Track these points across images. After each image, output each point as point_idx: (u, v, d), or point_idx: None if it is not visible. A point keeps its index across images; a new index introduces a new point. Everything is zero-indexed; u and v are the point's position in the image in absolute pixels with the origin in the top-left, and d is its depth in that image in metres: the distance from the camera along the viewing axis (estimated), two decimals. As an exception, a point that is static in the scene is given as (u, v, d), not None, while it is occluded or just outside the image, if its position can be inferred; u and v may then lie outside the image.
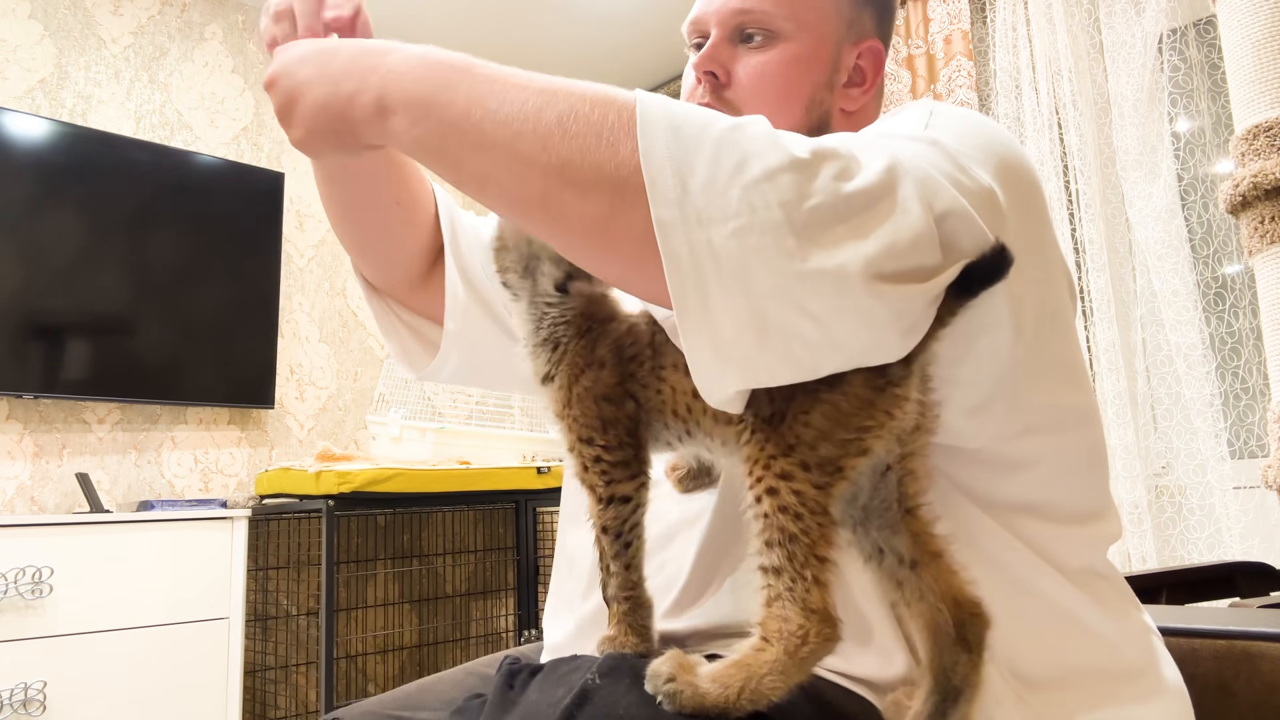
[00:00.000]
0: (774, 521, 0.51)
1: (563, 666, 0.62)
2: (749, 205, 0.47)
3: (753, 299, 0.47)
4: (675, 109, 0.50)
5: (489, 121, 0.53)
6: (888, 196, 0.48)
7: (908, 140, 0.56)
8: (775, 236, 0.46)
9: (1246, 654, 0.82)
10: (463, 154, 0.54)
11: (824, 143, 0.50)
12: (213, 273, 2.76)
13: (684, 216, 0.47)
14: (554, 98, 0.52)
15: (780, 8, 0.77)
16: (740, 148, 0.48)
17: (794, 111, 0.78)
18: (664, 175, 0.48)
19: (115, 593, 2.18)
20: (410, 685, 0.87)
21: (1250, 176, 1.35)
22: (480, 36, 3.31)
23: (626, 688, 0.55)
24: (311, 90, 0.59)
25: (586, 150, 0.50)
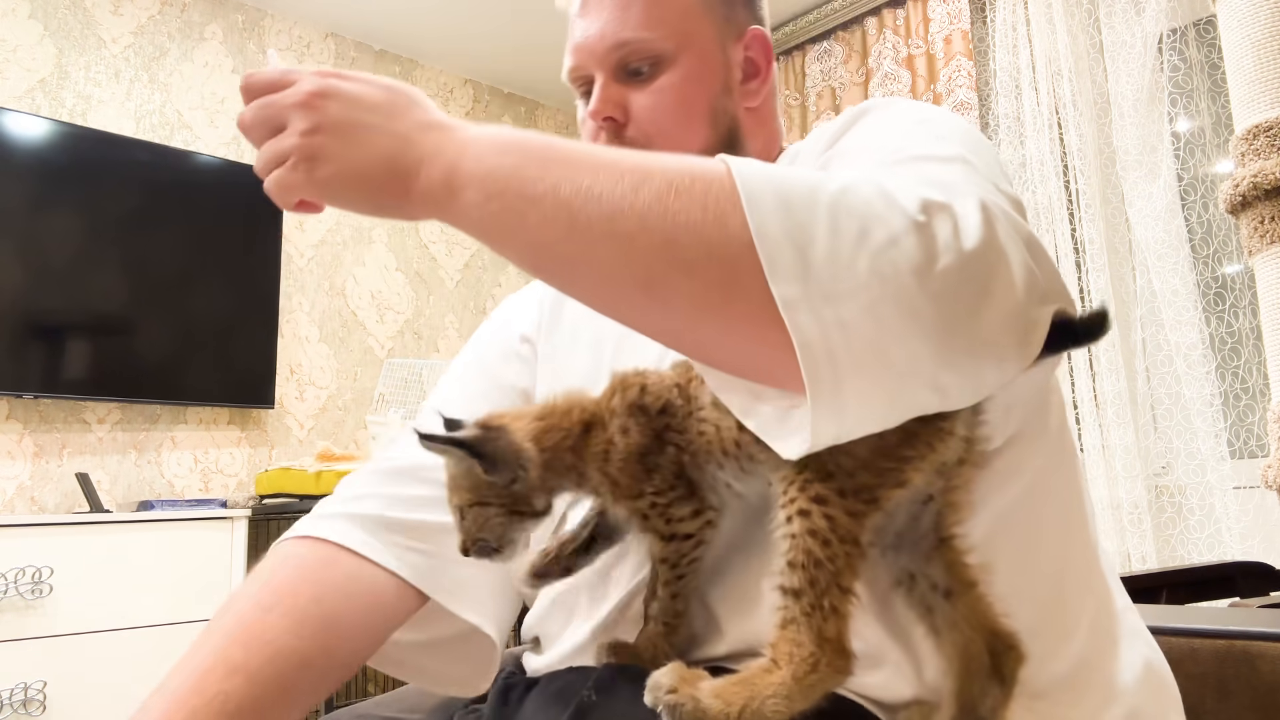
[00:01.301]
0: (801, 544, 0.50)
1: (558, 680, 0.61)
2: (879, 276, 0.44)
3: (889, 378, 0.45)
4: (776, 175, 0.48)
5: (580, 198, 0.48)
6: (994, 245, 0.46)
7: (950, 164, 0.55)
8: (911, 311, 0.44)
9: (1246, 654, 0.82)
10: (547, 235, 0.50)
11: (925, 192, 0.47)
12: (213, 273, 2.76)
13: (809, 293, 0.44)
14: (648, 172, 0.48)
15: (655, 31, 0.74)
16: (857, 213, 0.46)
17: (700, 130, 0.75)
18: (782, 251, 0.45)
19: (115, 593, 2.18)
20: (408, 687, 0.86)
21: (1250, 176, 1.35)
22: (480, 36, 3.32)
23: (625, 702, 0.55)
24: (374, 138, 0.53)
25: (692, 227, 0.47)
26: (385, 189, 0.53)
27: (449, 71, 3.58)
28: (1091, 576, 0.66)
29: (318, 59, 3.22)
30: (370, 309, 3.22)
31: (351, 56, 3.31)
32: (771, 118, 0.82)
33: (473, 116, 3.62)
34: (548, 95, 3.82)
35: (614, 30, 0.74)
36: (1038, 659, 0.60)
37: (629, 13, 0.74)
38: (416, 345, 3.33)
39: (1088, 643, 0.62)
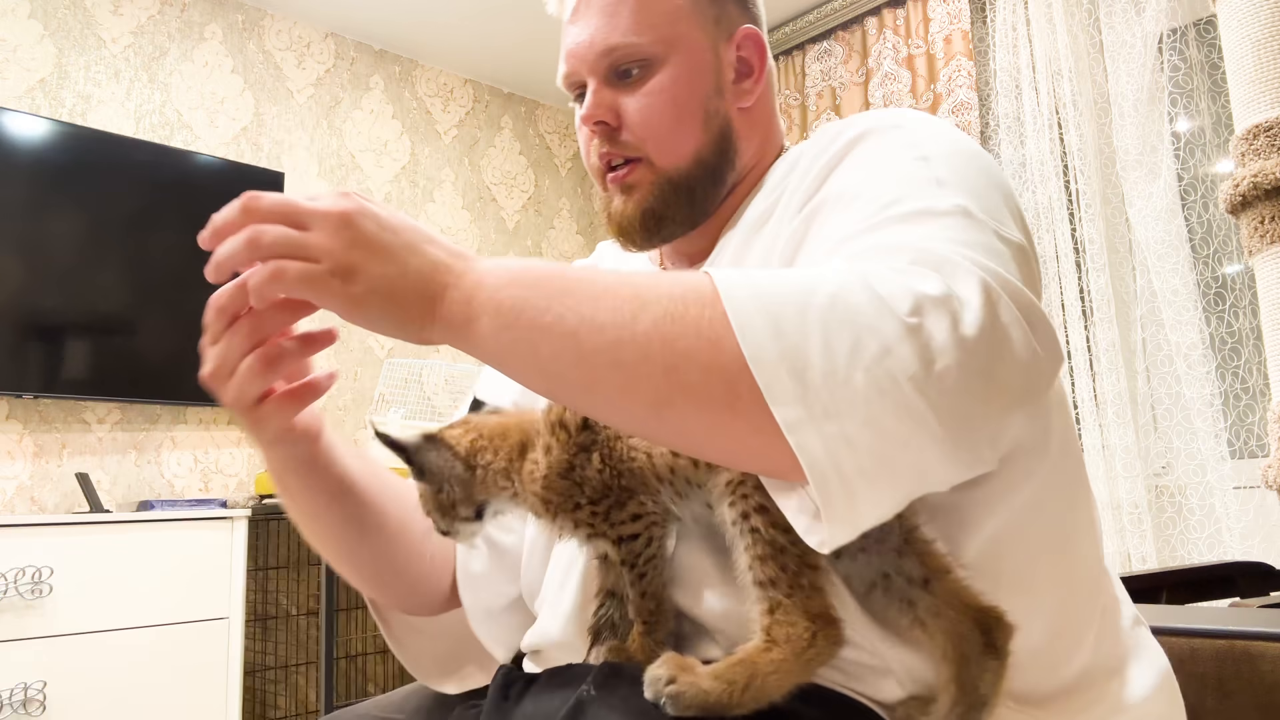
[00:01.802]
0: (762, 537, 0.53)
1: (558, 677, 0.62)
2: (876, 389, 0.45)
3: (898, 482, 0.47)
4: (764, 291, 0.49)
5: (585, 328, 0.50)
6: (995, 332, 0.47)
7: (948, 221, 0.55)
8: (913, 418, 0.45)
9: (1246, 654, 0.82)
10: (557, 365, 0.52)
11: (918, 284, 0.48)
12: (213, 273, 2.76)
13: (810, 413, 0.46)
14: (645, 300, 0.50)
15: (644, 35, 0.74)
16: (848, 324, 0.46)
17: (692, 132, 0.75)
18: (778, 374, 0.46)
19: (115, 593, 2.18)
20: (407, 687, 0.86)
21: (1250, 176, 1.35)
22: (480, 36, 3.32)
23: (622, 698, 0.55)
24: (407, 259, 0.54)
25: (690, 353, 0.48)
26: (413, 310, 0.54)
27: (449, 71, 3.58)
28: (1099, 591, 0.66)
29: (318, 59, 3.22)
30: (370, 309, 3.22)
31: (351, 56, 3.31)
32: (767, 117, 0.82)
33: (473, 116, 3.63)
34: (548, 95, 3.82)
35: (603, 36, 0.74)
36: (1043, 669, 0.60)
37: (617, 18, 0.74)
38: (416, 345, 3.32)
39: (1094, 655, 0.63)
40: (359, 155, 3.28)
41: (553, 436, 0.63)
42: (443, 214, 3.48)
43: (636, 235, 0.77)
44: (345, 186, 3.21)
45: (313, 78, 3.20)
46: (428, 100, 3.51)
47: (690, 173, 0.75)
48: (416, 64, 3.49)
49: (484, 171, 3.64)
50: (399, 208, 3.33)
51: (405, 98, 3.44)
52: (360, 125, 3.30)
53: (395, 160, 3.37)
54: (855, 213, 0.59)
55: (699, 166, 0.75)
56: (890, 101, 3.04)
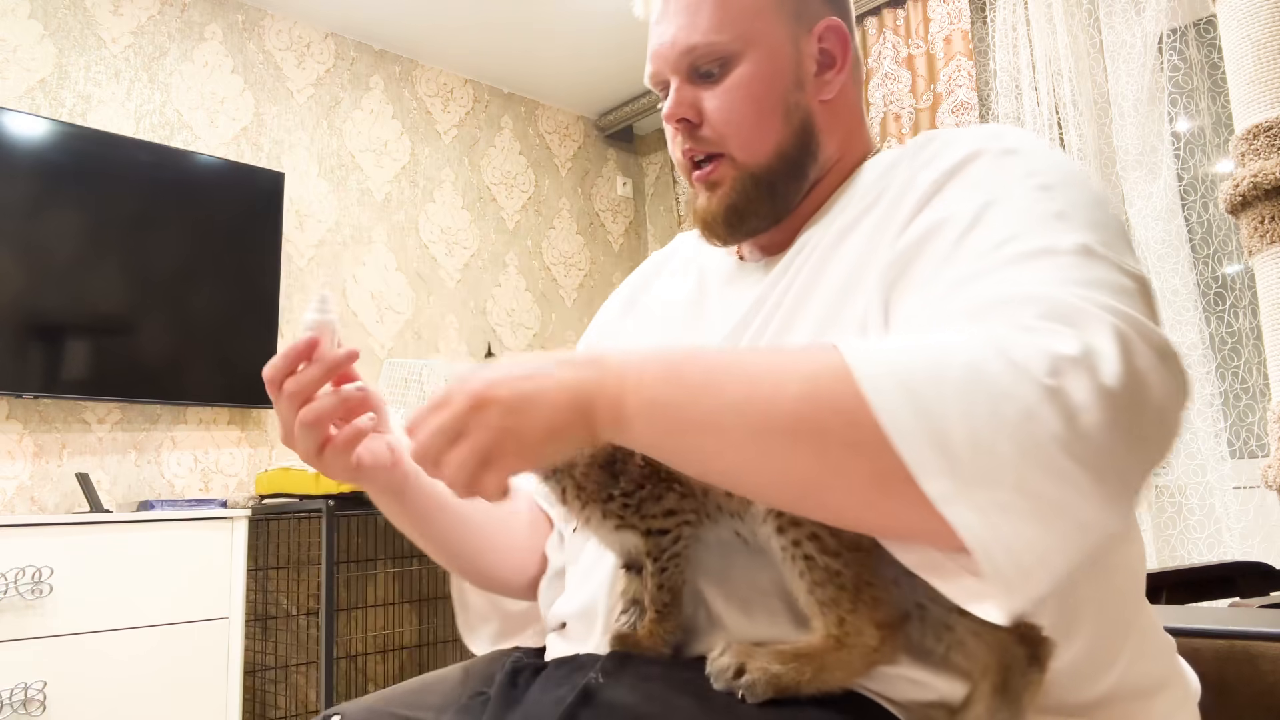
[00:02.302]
0: (819, 563, 0.55)
1: (566, 665, 0.62)
2: (1022, 453, 0.45)
3: (1060, 538, 0.47)
4: (896, 363, 0.49)
5: (730, 420, 0.52)
6: (1135, 382, 0.47)
7: (1073, 260, 0.54)
8: (1064, 479, 0.45)
9: (1247, 654, 0.82)
10: (710, 457, 0.54)
11: (1054, 345, 0.47)
12: (213, 273, 2.76)
13: (961, 486, 0.46)
14: (783, 385, 0.51)
15: (723, 33, 0.75)
16: (986, 392, 0.46)
17: (774, 127, 0.76)
18: (922, 450, 0.46)
19: (115, 593, 2.18)
20: (412, 681, 0.87)
21: (1250, 176, 1.35)
22: (480, 36, 3.31)
23: (629, 687, 0.56)
24: (546, 398, 0.55)
25: (832, 434, 0.49)
26: (575, 434, 0.56)
27: (449, 71, 3.58)
28: (1136, 612, 0.66)
29: (318, 59, 3.22)
30: (370, 309, 3.22)
31: (351, 56, 3.31)
32: (851, 111, 0.81)
33: (473, 116, 3.63)
34: (548, 95, 3.82)
35: (684, 36, 0.76)
36: (1075, 684, 0.61)
37: (698, 17, 0.75)
38: (416, 345, 3.33)
39: (1125, 675, 0.63)
40: (359, 155, 3.28)
41: None
42: (443, 214, 3.48)
43: (721, 230, 0.78)
44: (345, 186, 3.21)
45: (313, 78, 3.20)
46: (428, 100, 3.50)
47: (772, 167, 0.76)
48: (416, 64, 3.49)
49: (484, 171, 3.63)
50: (399, 208, 3.33)
51: (405, 98, 3.44)
52: (360, 125, 3.30)
53: (395, 160, 3.37)
54: (971, 247, 0.59)
55: (781, 160, 0.76)
56: (890, 101, 3.04)
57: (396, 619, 3.08)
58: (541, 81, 3.69)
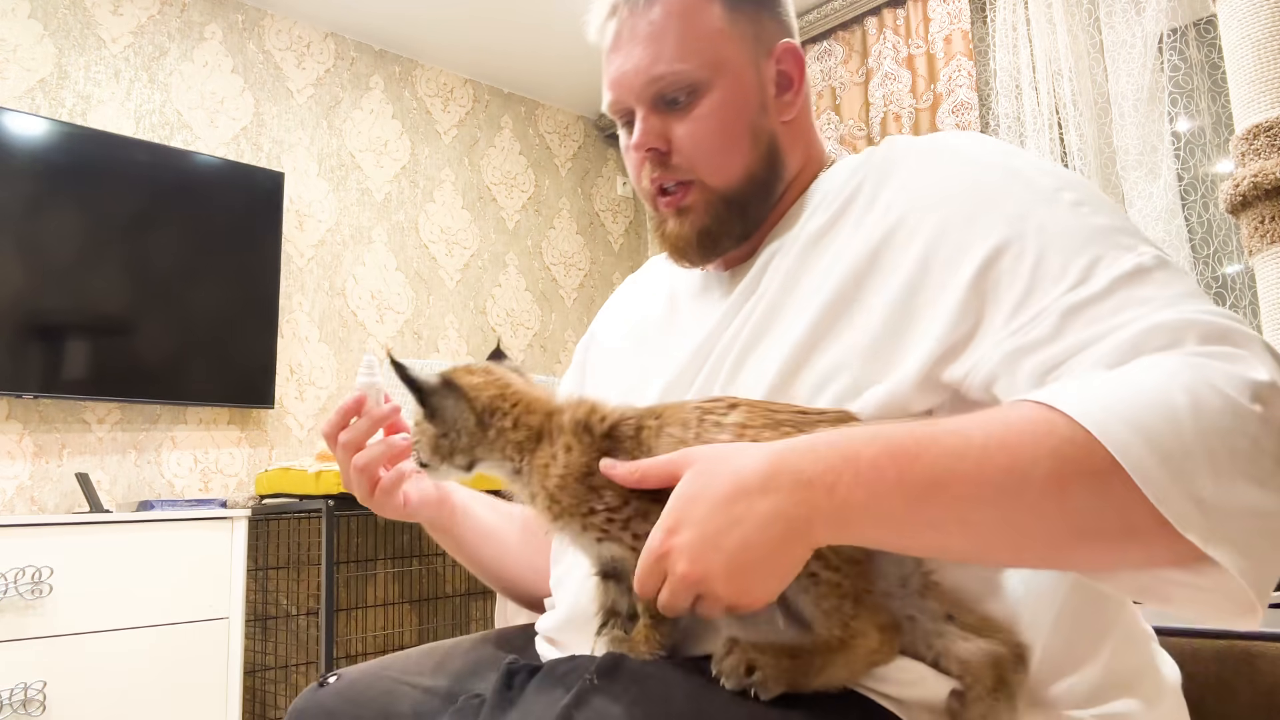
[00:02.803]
0: (821, 578, 0.56)
1: (561, 667, 0.62)
2: (1261, 487, 0.49)
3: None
4: (1122, 411, 0.50)
5: (975, 507, 0.52)
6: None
7: (1158, 275, 0.58)
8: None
9: (1247, 654, 0.82)
10: (951, 546, 0.55)
11: (1245, 372, 0.51)
12: (213, 273, 2.76)
13: (1214, 527, 0.49)
14: (1028, 467, 0.51)
15: (689, 61, 0.75)
16: (1217, 431, 0.50)
17: (742, 152, 0.77)
18: (1178, 504, 0.49)
19: (115, 593, 2.18)
20: (415, 650, 0.89)
21: (1250, 176, 1.35)
22: (480, 36, 3.31)
23: (624, 688, 0.56)
24: (765, 537, 0.53)
25: (1079, 498, 0.51)
26: (792, 555, 0.54)
27: (449, 71, 3.58)
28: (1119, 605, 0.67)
29: (318, 59, 3.22)
30: (370, 309, 3.22)
31: (351, 56, 3.31)
32: (808, 127, 0.83)
33: (473, 116, 3.63)
34: (548, 95, 3.82)
35: (649, 64, 0.75)
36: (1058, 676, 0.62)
37: (662, 46, 0.75)
38: (416, 345, 3.33)
39: (1108, 667, 0.64)
40: (359, 155, 3.28)
41: (574, 437, 0.63)
42: (443, 214, 3.48)
43: (694, 254, 0.79)
44: (345, 186, 3.21)
45: (313, 78, 3.20)
46: (428, 100, 3.50)
47: (743, 190, 0.77)
48: (416, 64, 3.49)
49: (484, 171, 3.63)
50: (399, 208, 3.33)
51: (405, 98, 3.44)
52: (360, 125, 3.30)
53: (395, 160, 3.37)
54: (1056, 274, 0.59)
55: (750, 183, 0.78)
56: (890, 101, 3.04)
57: (396, 619, 3.08)
58: (541, 81, 3.69)
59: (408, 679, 0.82)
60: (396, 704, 0.80)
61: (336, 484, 2.42)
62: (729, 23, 0.77)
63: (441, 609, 3.19)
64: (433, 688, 0.80)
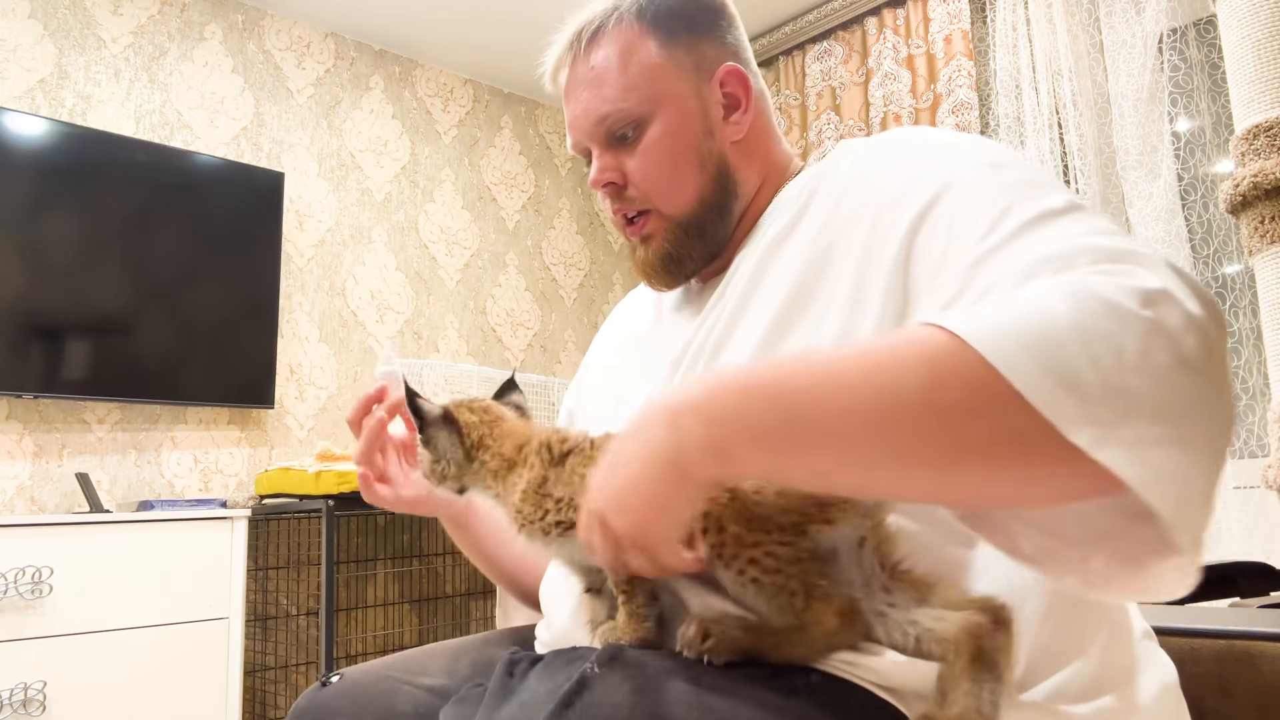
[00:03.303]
0: (763, 582, 0.58)
1: (562, 656, 0.63)
2: (1152, 384, 0.47)
3: (1208, 464, 0.48)
4: (1003, 323, 0.49)
5: (848, 421, 0.50)
6: (1208, 305, 0.50)
7: (1069, 217, 0.59)
8: (1189, 399, 0.47)
9: (1247, 654, 0.82)
10: (834, 467, 0.52)
11: (1133, 281, 0.49)
12: (213, 273, 2.76)
13: (1105, 431, 0.46)
14: (899, 374, 0.50)
15: (629, 98, 0.80)
16: (1100, 334, 0.47)
17: (691, 177, 0.81)
18: (1062, 405, 0.46)
19: (115, 593, 2.18)
20: (416, 650, 0.90)
21: (1250, 176, 1.35)
22: (480, 36, 3.32)
23: (624, 676, 0.56)
24: (639, 485, 0.55)
25: (960, 408, 0.48)
26: (681, 492, 0.55)
27: (449, 71, 3.58)
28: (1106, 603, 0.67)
29: (318, 59, 3.22)
30: (370, 309, 3.22)
31: (351, 56, 3.31)
32: (764, 144, 0.86)
33: (473, 116, 3.63)
34: (548, 95, 3.82)
35: (594, 107, 0.81)
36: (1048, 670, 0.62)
37: (603, 89, 0.81)
38: (416, 345, 3.33)
39: (1101, 663, 0.64)
40: (359, 155, 3.28)
41: (537, 457, 0.69)
42: (443, 214, 3.48)
43: (661, 278, 0.85)
44: (345, 186, 3.22)
45: (313, 78, 3.20)
46: (428, 100, 3.50)
47: (698, 214, 0.82)
48: (416, 64, 3.49)
49: (484, 171, 3.63)
50: (399, 208, 3.34)
51: (405, 98, 3.44)
52: (360, 125, 3.30)
53: (395, 160, 3.37)
54: (967, 232, 0.61)
55: (704, 207, 0.82)
56: (890, 101, 3.04)
57: (396, 619, 3.08)
58: (541, 81, 3.68)
59: (410, 679, 0.83)
60: (398, 704, 0.80)
61: (336, 484, 2.41)
62: (665, 57, 0.81)
63: (441, 609, 3.19)
64: (435, 687, 0.81)
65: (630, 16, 0.82)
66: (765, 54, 3.44)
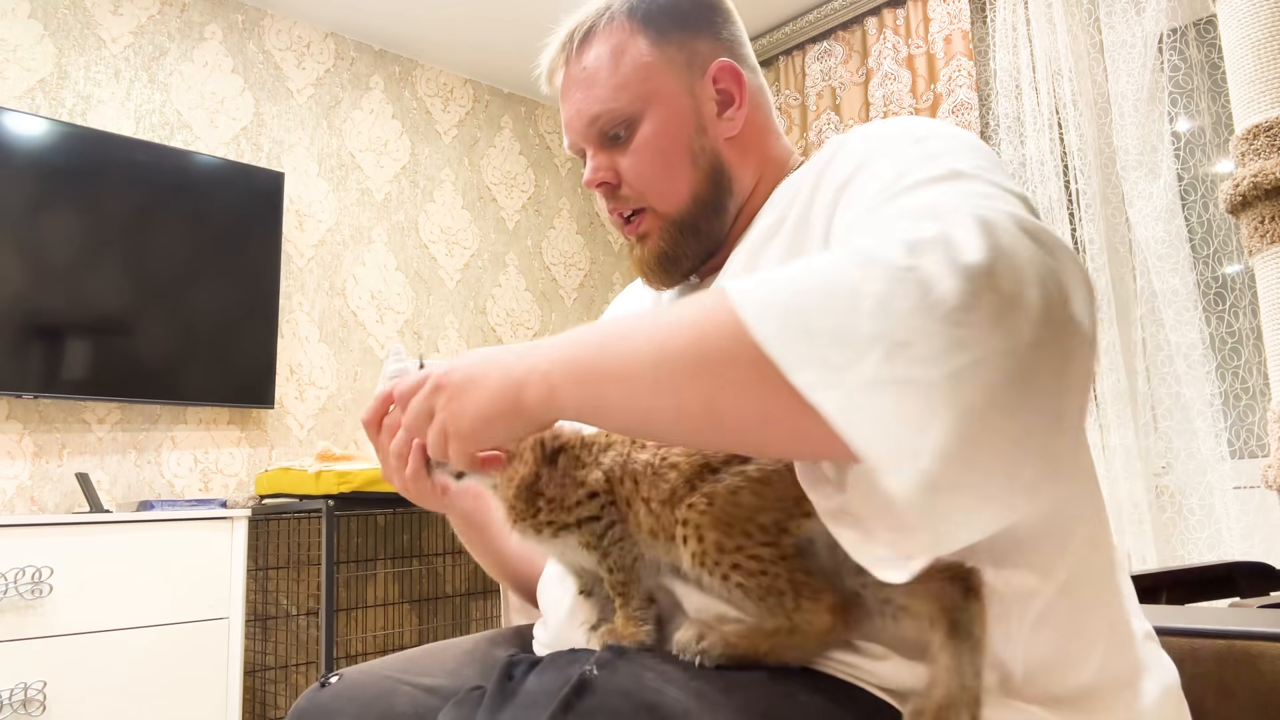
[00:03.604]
0: (748, 584, 0.58)
1: (562, 658, 0.63)
2: (882, 329, 0.45)
3: (928, 415, 0.44)
4: (765, 280, 0.51)
5: (634, 362, 0.55)
6: (999, 250, 0.46)
7: (943, 183, 0.58)
8: (929, 349, 0.44)
9: (1247, 654, 0.82)
10: (623, 406, 0.57)
11: (910, 233, 0.48)
12: (213, 273, 2.76)
13: (827, 374, 0.46)
14: (676, 325, 0.54)
15: (620, 97, 0.80)
16: (845, 285, 0.47)
17: (684, 175, 0.81)
18: (788, 347, 0.47)
19: (115, 593, 2.18)
20: (415, 650, 0.90)
21: (1250, 176, 1.35)
22: (480, 36, 3.32)
23: (624, 678, 0.56)
24: (484, 383, 0.62)
25: (720, 356, 0.51)
26: (510, 414, 0.61)
27: (449, 71, 3.58)
28: (1105, 605, 0.66)
29: (318, 59, 3.22)
30: (370, 309, 3.22)
31: (351, 56, 3.31)
32: (760, 140, 0.85)
33: (473, 116, 3.63)
34: (547, 95, 3.81)
35: (586, 107, 0.82)
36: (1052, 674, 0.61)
37: (594, 90, 0.81)
38: (416, 345, 3.33)
39: (1103, 667, 0.63)
40: (359, 155, 3.28)
41: (530, 453, 0.70)
42: (443, 214, 3.48)
43: (658, 276, 0.85)
44: (345, 186, 3.22)
45: (313, 78, 3.20)
46: (428, 100, 3.50)
47: (692, 211, 0.82)
48: (416, 64, 3.49)
49: (484, 171, 3.63)
50: (399, 208, 3.34)
51: (405, 98, 3.44)
52: (360, 125, 3.30)
53: (395, 160, 3.37)
54: (856, 201, 0.64)
55: (697, 204, 0.82)
56: (890, 101, 3.04)
57: (396, 619, 3.08)
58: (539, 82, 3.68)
59: (409, 679, 0.83)
60: (398, 704, 0.80)
61: (336, 484, 2.42)
62: (656, 55, 0.81)
63: (441, 609, 3.19)
64: (434, 687, 0.81)
65: (622, 15, 0.82)
66: (765, 54, 3.44)
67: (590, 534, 0.67)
